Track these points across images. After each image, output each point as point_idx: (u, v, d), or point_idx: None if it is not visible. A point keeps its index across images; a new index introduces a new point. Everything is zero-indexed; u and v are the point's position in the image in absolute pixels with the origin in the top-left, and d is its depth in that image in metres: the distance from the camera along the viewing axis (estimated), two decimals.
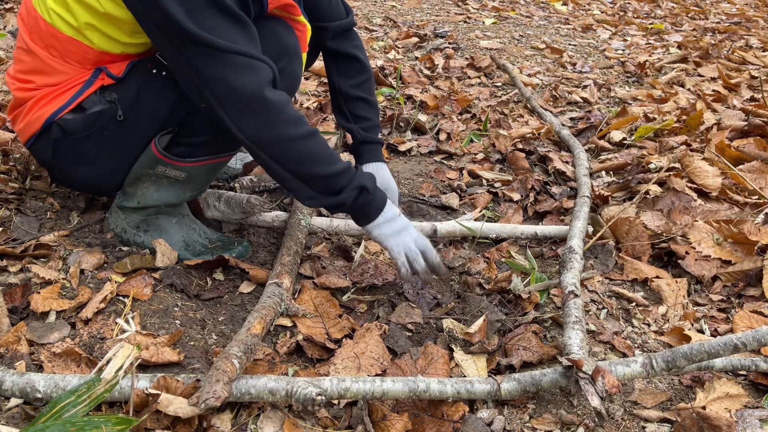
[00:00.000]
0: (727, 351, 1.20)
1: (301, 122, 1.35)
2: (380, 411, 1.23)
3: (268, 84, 1.31)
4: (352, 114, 1.82)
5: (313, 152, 1.37)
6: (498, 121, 2.76)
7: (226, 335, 1.43)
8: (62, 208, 1.78)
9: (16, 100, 1.52)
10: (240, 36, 1.29)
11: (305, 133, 1.35)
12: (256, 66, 1.29)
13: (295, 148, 1.35)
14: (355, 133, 1.81)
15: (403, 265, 1.47)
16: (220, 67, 1.27)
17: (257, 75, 1.29)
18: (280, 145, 1.34)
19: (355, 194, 1.40)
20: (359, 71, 1.81)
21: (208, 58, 1.26)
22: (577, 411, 1.28)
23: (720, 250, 1.75)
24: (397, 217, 1.49)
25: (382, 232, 1.47)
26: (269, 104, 1.30)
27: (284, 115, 1.33)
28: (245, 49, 1.27)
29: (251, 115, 1.31)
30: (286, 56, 1.49)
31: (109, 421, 1.01)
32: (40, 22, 1.41)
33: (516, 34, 4.37)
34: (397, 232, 1.48)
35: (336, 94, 1.84)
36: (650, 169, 2.21)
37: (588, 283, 1.69)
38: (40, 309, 1.38)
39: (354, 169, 1.43)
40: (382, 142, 1.86)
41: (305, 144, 1.35)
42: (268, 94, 1.30)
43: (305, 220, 1.74)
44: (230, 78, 1.27)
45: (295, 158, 1.36)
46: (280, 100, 1.32)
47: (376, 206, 1.46)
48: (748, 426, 1.23)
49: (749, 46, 4.20)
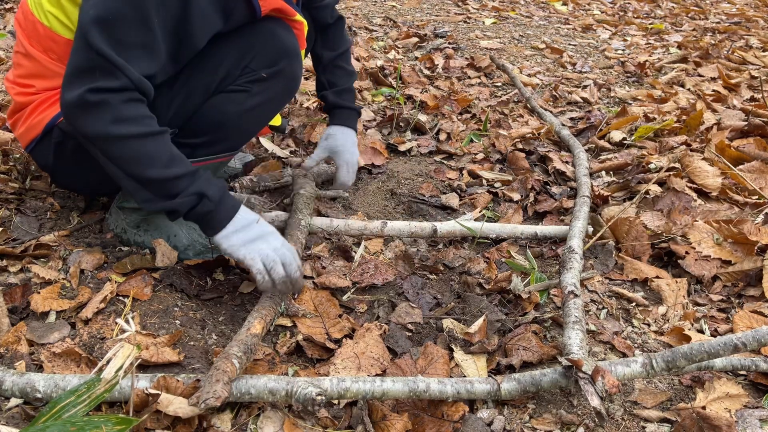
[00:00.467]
0: (727, 351, 1.20)
1: (141, 122, 1.28)
2: (380, 411, 1.23)
3: (120, 88, 1.25)
4: (328, 81, 1.94)
5: (148, 152, 1.28)
6: (498, 121, 2.76)
7: (226, 335, 1.43)
8: (62, 208, 1.78)
9: (16, 104, 1.52)
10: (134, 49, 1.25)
11: (142, 133, 1.27)
12: (113, 71, 1.23)
13: (128, 146, 1.27)
14: (328, 98, 1.91)
15: (258, 272, 1.34)
16: (85, 57, 1.23)
17: (110, 76, 1.24)
18: (109, 141, 1.27)
19: (193, 201, 1.31)
20: (340, 41, 1.93)
21: (79, 42, 1.24)
22: (577, 411, 1.28)
23: (720, 250, 1.75)
24: (254, 224, 1.38)
25: (232, 244, 1.35)
26: (105, 99, 1.24)
27: (118, 112, 1.25)
28: (110, 53, 1.22)
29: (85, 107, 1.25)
30: (286, 57, 1.50)
31: (109, 421, 1.01)
32: (38, 26, 1.41)
33: (516, 34, 4.37)
34: (251, 240, 1.35)
35: (318, 65, 1.96)
36: (650, 169, 2.21)
37: (588, 283, 1.69)
38: (40, 309, 1.38)
39: (201, 176, 1.33)
40: (355, 110, 1.93)
41: (139, 143, 1.27)
42: (109, 92, 1.24)
43: (305, 220, 1.74)
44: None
45: (126, 157, 1.28)
46: (120, 99, 1.25)
47: (222, 216, 1.34)
48: (748, 426, 1.23)
49: (749, 46, 4.20)
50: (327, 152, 1.93)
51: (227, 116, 1.49)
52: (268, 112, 1.60)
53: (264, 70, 1.48)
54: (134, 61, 1.27)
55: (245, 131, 1.60)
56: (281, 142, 2.44)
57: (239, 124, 1.54)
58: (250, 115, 1.54)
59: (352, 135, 1.90)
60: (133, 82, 1.26)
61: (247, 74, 1.47)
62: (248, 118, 1.55)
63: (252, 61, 1.47)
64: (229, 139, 1.56)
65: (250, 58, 1.46)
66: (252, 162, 2.18)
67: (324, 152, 1.93)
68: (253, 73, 1.48)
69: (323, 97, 1.95)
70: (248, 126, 1.59)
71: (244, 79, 1.48)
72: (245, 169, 2.15)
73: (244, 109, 1.50)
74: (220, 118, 1.49)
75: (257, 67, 1.47)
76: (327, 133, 1.93)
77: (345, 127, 1.92)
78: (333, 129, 1.92)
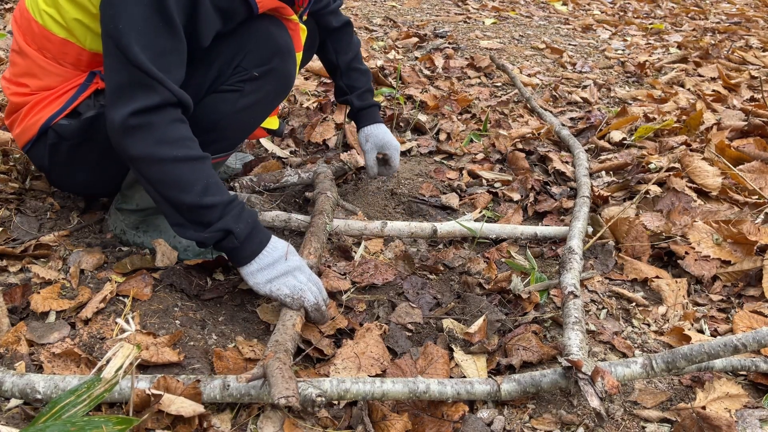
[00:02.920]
0: (727, 352, 1.20)
1: (183, 144, 1.28)
2: (380, 411, 1.23)
3: (161, 105, 1.26)
4: (348, 86, 2.00)
5: (186, 177, 1.28)
6: (498, 121, 2.76)
7: (226, 335, 1.43)
8: (62, 208, 1.78)
9: (11, 105, 1.52)
10: (168, 55, 1.26)
11: (183, 157, 1.28)
12: (153, 86, 1.24)
13: (168, 169, 1.27)
14: (352, 102, 1.98)
15: (287, 298, 1.35)
16: (125, 73, 1.24)
17: (151, 92, 1.24)
18: (150, 163, 1.27)
19: (219, 236, 1.32)
20: (352, 45, 1.99)
21: (114, 57, 1.24)
22: (577, 411, 1.28)
23: (720, 250, 1.75)
24: (281, 260, 1.37)
25: (257, 281, 1.36)
26: (149, 121, 1.25)
27: (161, 134, 1.26)
28: (148, 66, 1.22)
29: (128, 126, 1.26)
30: (279, 55, 1.49)
31: (110, 421, 1.01)
32: (33, 24, 1.41)
33: (516, 34, 4.37)
34: (277, 277, 1.36)
35: (335, 71, 2.01)
36: (650, 169, 2.21)
37: (588, 283, 1.69)
38: (39, 309, 1.38)
39: (234, 208, 1.33)
40: (378, 105, 2.02)
41: (179, 167, 1.28)
42: (152, 112, 1.25)
43: (329, 226, 1.75)
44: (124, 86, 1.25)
45: (165, 180, 1.28)
46: (164, 120, 1.26)
47: (247, 252, 1.35)
48: (748, 426, 1.23)
49: (749, 46, 4.20)
50: (376, 150, 2.02)
51: (220, 116, 1.49)
52: (262, 111, 1.59)
53: (256, 69, 1.47)
54: (171, 69, 1.27)
55: (239, 131, 1.59)
56: (281, 142, 2.44)
57: (233, 123, 1.53)
58: (244, 115, 1.53)
59: (383, 127, 2.02)
60: (174, 95, 1.26)
61: (239, 73, 1.47)
62: (241, 118, 1.54)
63: (244, 60, 1.46)
64: (223, 139, 1.56)
65: (242, 57, 1.45)
66: (252, 162, 2.18)
67: (374, 152, 2.02)
68: (245, 72, 1.47)
69: (347, 102, 2.01)
70: (242, 126, 1.58)
71: (236, 78, 1.47)
72: (245, 169, 2.15)
73: (236, 108, 1.49)
74: (213, 119, 1.49)
75: (249, 65, 1.46)
76: (366, 134, 2.01)
77: (376, 124, 2.01)
78: (368, 129, 2.00)
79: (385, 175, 2.09)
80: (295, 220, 1.80)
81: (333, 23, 1.93)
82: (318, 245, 1.62)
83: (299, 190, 2.07)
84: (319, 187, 1.91)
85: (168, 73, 1.26)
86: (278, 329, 1.30)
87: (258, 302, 1.55)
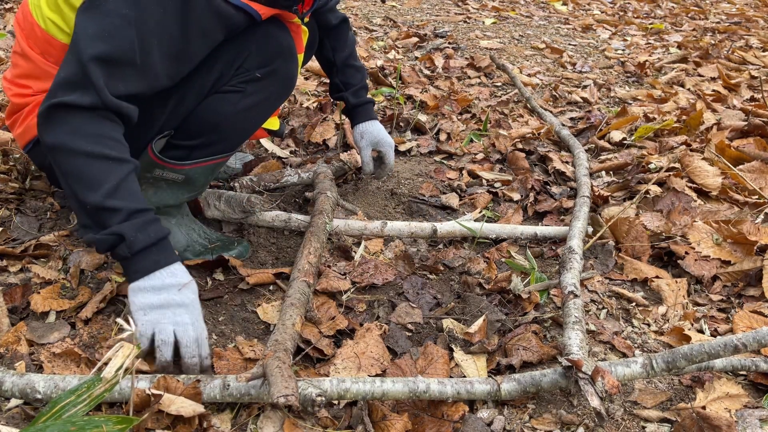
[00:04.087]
0: (728, 352, 1.20)
1: (99, 141, 1.21)
2: (380, 411, 1.23)
3: (90, 107, 1.21)
4: (343, 83, 2.01)
5: (94, 175, 1.20)
6: (498, 121, 2.76)
7: (226, 335, 1.43)
8: (62, 208, 1.78)
9: (13, 105, 1.52)
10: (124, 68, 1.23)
11: (95, 153, 1.20)
12: (90, 90, 1.20)
13: (77, 163, 1.20)
14: (348, 99, 2.00)
15: (138, 338, 1.20)
16: (72, 70, 1.21)
17: (85, 95, 1.20)
18: (62, 152, 1.21)
19: (111, 240, 1.20)
20: (348, 42, 2.00)
21: (71, 54, 1.22)
22: (577, 411, 1.28)
23: (719, 250, 1.75)
24: (169, 288, 1.23)
25: (136, 300, 1.22)
26: (71, 114, 1.21)
27: (78, 126, 1.21)
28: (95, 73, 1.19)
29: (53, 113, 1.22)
30: (281, 57, 1.49)
31: (110, 420, 1.01)
32: (36, 29, 1.41)
33: (516, 34, 4.37)
34: (155, 307, 1.22)
35: (331, 68, 2.02)
36: (650, 169, 2.21)
37: (588, 283, 1.69)
38: (39, 309, 1.38)
39: (140, 218, 1.22)
40: (372, 102, 2.04)
41: (88, 162, 1.20)
42: (77, 109, 1.21)
43: (329, 225, 1.75)
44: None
45: (74, 173, 1.21)
46: (87, 116, 1.21)
47: (138, 267, 1.22)
48: (748, 426, 1.23)
49: (749, 46, 4.20)
50: (371, 147, 2.04)
51: (222, 117, 1.49)
52: (263, 112, 1.59)
53: (258, 70, 1.47)
54: (122, 81, 1.24)
55: (240, 132, 1.59)
56: (281, 142, 2.44)
57: (234, 124, 1.53)
58: (245, 116, 1.53)
59: (377, 124, 2.05)
60: (105, 104, 1.22)
61: (241, 74, 1.47)
62: (243, 119, 1.54)
63: (246, 61, 1.46)
64: (224, 140, 1.56)
65: (244, 58, 1.45)
66: (252, 162, 2.18)
67: (368, 148, 2.04)
68: (247, 73, 1.47)
69: (342, 98, 2.03)
70: (243, 126, 1.58)
71: (238, 79, 1.47)
72: (245, 169, 2.15)
73: (238, 109, 1.49)
74: (214, 119, 1.49)
75: (251, 66, 1.46)
76: (360, 132, 2.04)
77: (371, 121, 2.04)
78: (363, 126, 2.03)
79: (380, 176, 2.10)
80: (295, 220, 1.80)
81: (332, 21, 1.94)
82: (318, 245, 1.62)
83: (299, 190, 2.08)
84: (319, 187, 1.91)
85: (117, 83, 1.23)
86: (278, 329, 1.30)
87: (258, 302, 1.55)
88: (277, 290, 1.61)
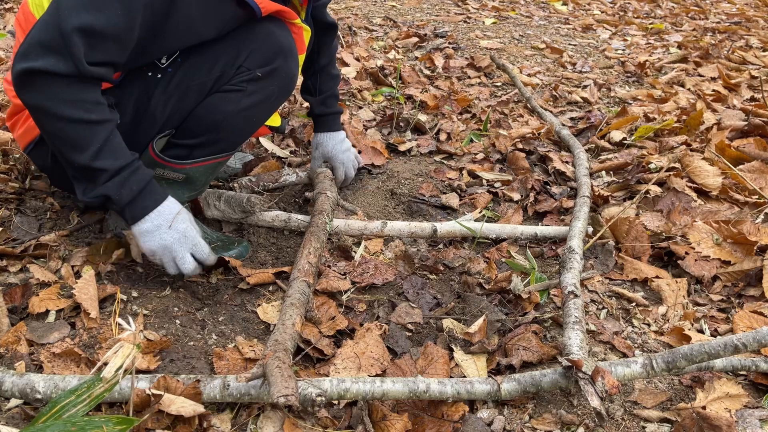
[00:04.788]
0: (728, 352, 1.20)
1: (80, 106, 1.27)
2: (380, 411, 1.23)
3: (67, 75, 1.23)
4: (314, 87, 2.01)
5: (79, 138, 1.28)
6: (498, 121, 2.76)
7: (226, 335, 1.43)
8: (62, 208, 1.78)
9: (14, 106, 1.52)
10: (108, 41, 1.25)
11: (77, 118, 1.27)
12: (67, 58, 1.22)
13: (60, 127, 1.27)
14: (313, 106, 2.01)
15: (171, 269, 1.44)
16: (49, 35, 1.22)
17: (62, 62, 1.22)
18: (45, 115, 1.27)
19: (99, 201, 1.35)
20: (331, 48, 1.99)
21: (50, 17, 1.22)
22: (577, 411, 1.28)
23: (719, 250, 1.75)
24: (165, 227, 1.40)
25: (142, 244, 1.41)
26: (49, 79, 1.23)
27: (59, 92, 1.25)
28: (76, 43, 1.21)
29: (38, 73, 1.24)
30: (281, 55, 1.49)
31: (110, 420, 1.01)
32: None
33: (516, 34, 4.37)
34: (161, 246, 1.41)
35: (308, 68, 1.99)
36: (650, 169, 2.21)
37: (588, 283, 1.69)
38: (39, 309, 1.38)
39: (122, 174, 1.34)
40: (340, 112, 2.05)
41: (72, 127, 1.27)
42: (54, 75, 1.23)
43: (330, 225, 1.75)
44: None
45: (59, 136, 1.29)
46: (64, 81, 1.24)
47: (130, 216, 1.38)
48: (748, 426, 1.23)
49: (749, 46, 4.20)
50: (322, 158, 2.05)
51: (223, 116, 1.49)
52: (264, 111, 1.59)
53: (259, 69, 1.47)
54: (101, 52, 1.26)
55: (241, 131, 1.59)
56: (281, 142, 2.44)
57: (235, 123, 1.53)
58: (246, 115, 1.53)
59: (339, 136, 2.04)
60: (81, 73, 1.24)
61: (242, 73, 1.47)
62: (244, 118, 1.54)
63: (247, 60, 1.46)
64: (225, 139, 1.56)
65: (245, 57, 1.46)
66: (252, 162, 2.18)
67: (319, 160, 2.06)
68: (248, 72, 1.47)
69: (309, 102, 2.04)
70: (244, 125, 1.58)
71: (239, 78, 1.47)
72: (245, 169, 2.15)
73: (239, 108, 1.50)
74: (215, 118, 1.49)
75: (252, 66, 1.47)
76: (316, 142, 2.06)
77: (331, 133, 2.03)
78: (320, 137, 2.04)
79: (338, 186, 2.06)
80: (295, 220, 1.80)
81: (326, 19, 1.94)
82: (318, 245, 1.62)
83: (299, 190, 2.08)
84: (319, 187, 1.91)
85: (93, 54, 1.24)
86: (278, 328, 1.30)
87: (258, 302, 1.55)
88: (277, 290, 1.61)
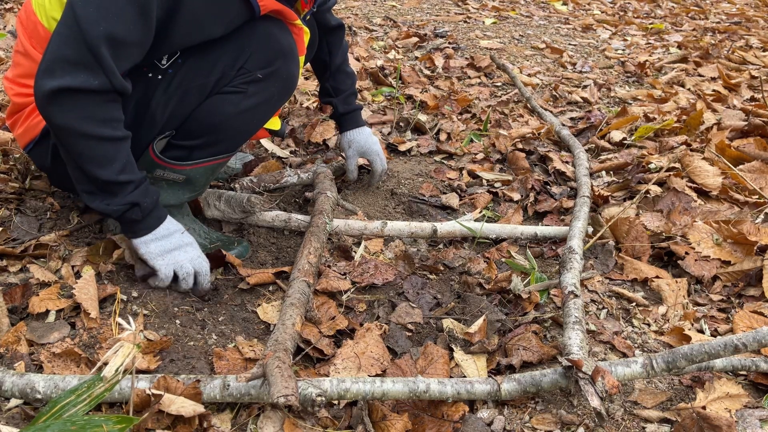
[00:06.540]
0: (728, 352, 1.20)
1: (109, 125, 1.30)
2: (380, 411, 1.23)
3: (97, 90, 1.25)
4: (333, 88, 2.04)
5: (107, 155, 1.32)
6: (498, 121, 2.76)
7: (226, 335, 1.43)
8: (62, 208, 1.78)
9: (14, 105, 1.52)
10: (129, 48, 1.26)
11: (106, 136, 1.30)
12: (97, 72, 1.23)
13: (90, 145, 1.29)
14: (337, 106, 2.03)
15: (162, 280, 1.45)
16: (74, 50, 1.22)
17: (92, 77, 1.23)
18: (73, 135, 1.28)
19: (126, 208, 1.37)
20: (343, 47, 2.02)
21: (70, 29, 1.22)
22: (577, 411, 1.28)
23: (720, 250, 1.75)
24: (174, 234, 1.46)
25: (150, 250, 1.43)
26: (79, 99, 1.25)
27: (90, 111, 1.26)
28: (104, 55, 1.22)
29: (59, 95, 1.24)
30: (281, 56, 1.49)
31: (110, 420, 1.01)
32: (39, 28, 1.41)
33: (516, 34, 4.37)
34: (168, 251, 1.45)
35: (324, 71, 2.03)
36: (650, 169, 2.21)
37: (588, 283, 1.69)
38: (39, 309, 1.38)
39: (143, 185, 1.39)
40: (360, 108, 2.08)
41: (101, 145, 1.30)
42: (85, 93, 1.24)
43: (330, 225, 1.75)
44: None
45: (86, 154, 1.30)
46: (95, 100, 1.26)
47: (146, 225, 1.42)
48: (748, 426, 1.23)
49: (749, 46, 4.20)
50: (358, 155, 2.07)
51: (223, 117, 1.49)
52: (265, 112, 1.59)
53: (259, 71, 1.47)
54: (126, 60, 1.28)
55: (242, 132, 1.59)
56: (281, 142, 2.44)
57: (235, 125, 1.53)
58: (246, 116, 1.53)
59: (366, 131, 2.07)
60: (114, 86, 1.26)
61: (243, 75, 1.46)
62: (244, 119, 1.54)
63: (247, 62, 1.46)
64: (225, 140, 1.56)
65: (246, 59, 1.45)
66: (252, 162, 2.18)
67: (355, 157, 2.07)
68: (249, 73, 1.47)
69: (331, 104, 2.05)
70: (245, 127, 1.58)
71: (239, 79, 1.47)
72: (245, 169, 2.15)
73: (239, 110, 1.49)
74: (216, 120, 1.49)
75: (253, 67, 1.46)
76: (348, 140, 2.07)
77: (359, 128, 2.06)
78: (350, 135, 2.06)
79: (371, 184, 2.12)
80: (295, 220, 1.80)
81: (331, 22, 1.95)
82: (318, 245, 1.62)
83: (299, 190, 2.07)
84: (319, 187, 1.91)
85: (120, 63, 1.26)
86: (278, 328, 1.30)
87: (258, 302, 1.55)
88: (277, 290, 1.61)
